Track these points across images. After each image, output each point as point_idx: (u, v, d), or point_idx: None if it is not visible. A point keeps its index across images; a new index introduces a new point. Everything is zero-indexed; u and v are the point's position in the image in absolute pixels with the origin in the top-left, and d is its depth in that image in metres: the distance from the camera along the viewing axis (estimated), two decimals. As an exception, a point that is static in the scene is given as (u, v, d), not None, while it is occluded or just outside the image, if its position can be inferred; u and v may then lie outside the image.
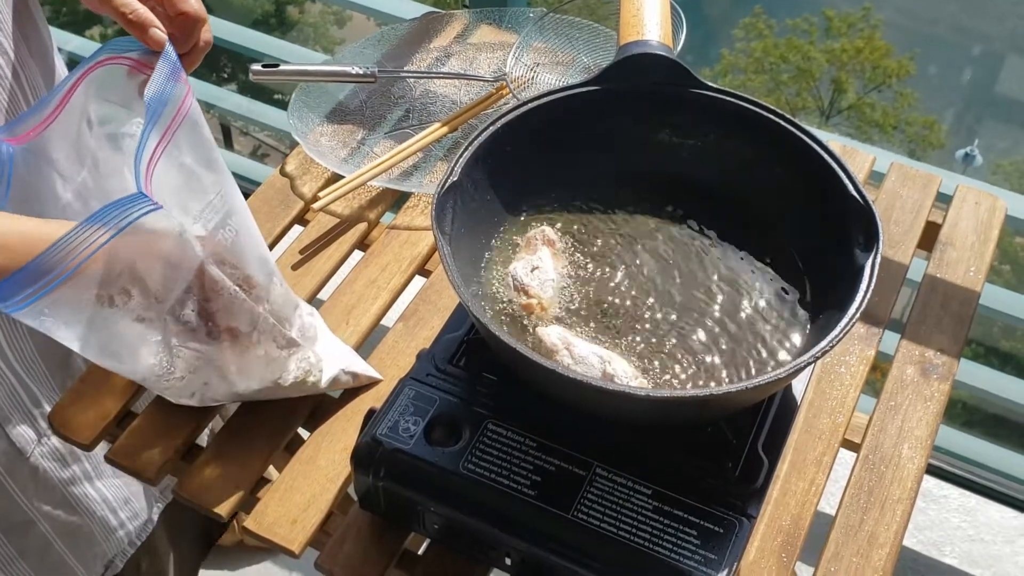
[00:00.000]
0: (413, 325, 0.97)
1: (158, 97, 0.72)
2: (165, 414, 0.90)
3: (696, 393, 0.70)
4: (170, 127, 0.72)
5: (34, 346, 1.00)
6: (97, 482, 1.14)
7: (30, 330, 0.96)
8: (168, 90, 0.73)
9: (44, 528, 1.10)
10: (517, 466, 0.74)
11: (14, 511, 1.05)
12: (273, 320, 0.81)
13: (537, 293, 0.80)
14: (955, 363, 0.95)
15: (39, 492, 1.07)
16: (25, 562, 1.11)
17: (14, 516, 1.06)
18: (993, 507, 1.64)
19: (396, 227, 1.06)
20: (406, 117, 1.18)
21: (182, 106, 0.73)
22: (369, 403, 0.90)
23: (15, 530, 1.07)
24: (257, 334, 0.80)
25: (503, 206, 0.86)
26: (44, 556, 1.12)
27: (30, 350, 0.99)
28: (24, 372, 0.99)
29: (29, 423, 1.03)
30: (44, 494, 1.07)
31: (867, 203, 0.77)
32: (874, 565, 0.81)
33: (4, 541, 1.07)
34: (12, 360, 0.97)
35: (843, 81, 15.42)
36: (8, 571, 1.10)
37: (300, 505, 0.84)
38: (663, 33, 0.87)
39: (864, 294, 0.72)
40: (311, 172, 1.12)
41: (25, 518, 1.07)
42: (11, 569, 1.10)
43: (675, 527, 0.72)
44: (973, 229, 1.07)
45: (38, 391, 1.03)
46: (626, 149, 0.88)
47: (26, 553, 1.10)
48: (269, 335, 0.81)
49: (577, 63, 1.17)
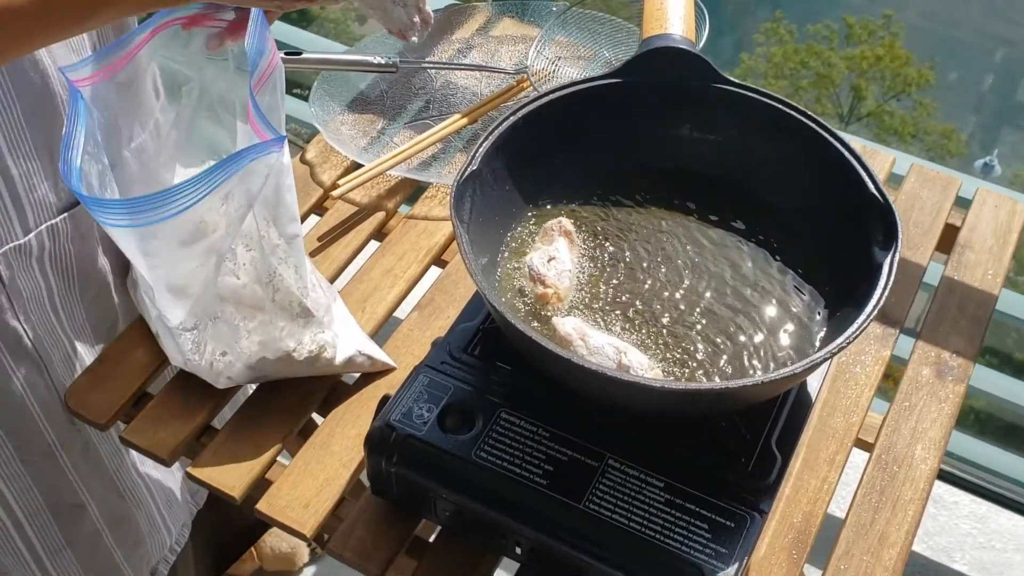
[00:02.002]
0: (429, 314, 0.97)
1: (257, 49, 0.77)
2: (181, 396, 0.90)
3: (711, 386, 0.70)
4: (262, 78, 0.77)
5: (85, 313, 0.99)
6: (142, 468, 1.13)
7: (82, 296, 0.97)
8: (262, 45, 0.77)
9: (94, 514, 1.08)
10: (529, 455, 0.74)
11: (66, 490, 1.04)
12: (290, 282, 0.83)
13: (554, 283, 0.80)
14: (971, 365, 0.94)
15: (90, 471, 1.05)
16: (73, 551, 1.08)
17: (66, 497, 1.04)
18: (1004, 515, 1.63)
19: (414, 217, 1.07)
20: (426, 108, 1.18)
21: (271, 62, 0.79)
22: (383, 390, 0.90)
23: (66, 514, 1.05)
24: (272, 290, 0.82)
25: (521, 196, 0.86)
26: (94, 549, 1.10)
27: (81, 315, 0.99)
28: (76, 337, 0.99)
29: None
30: (95, 474, 1.06)
31: (887, 201, 0.76)
32: (884, 564, 0.81)
33: (52, 524, 1.05)
34: (65, 323, 0.97)
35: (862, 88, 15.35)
36: (55, 560, 1.07)
37: (313, 489, 0.84)
38: (686, 27, 0.87)
39: (882, 292, 0.72)
40: (331, 160, 1.13)
41: (76, 500, 1.05)
42: (58, 558, 1.08)
43: (686, 520, 0.72)
44: (992, 232, 1.06)
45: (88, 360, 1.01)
46: (646, 143, 0.88)
47: (75, 542, 1.08)
48: (285, 295, 0.83)
49: (599, 57, 1.18)
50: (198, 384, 0.90)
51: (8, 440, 0.96)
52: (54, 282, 0.93)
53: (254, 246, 0.82)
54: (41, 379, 0.95)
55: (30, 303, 0.91)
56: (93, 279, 0.98)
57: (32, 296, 0.91)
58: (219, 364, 0.87)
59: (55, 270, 0.93)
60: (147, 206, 0.70)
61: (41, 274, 0.91)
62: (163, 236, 0.74)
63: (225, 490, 0.84)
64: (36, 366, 0.94)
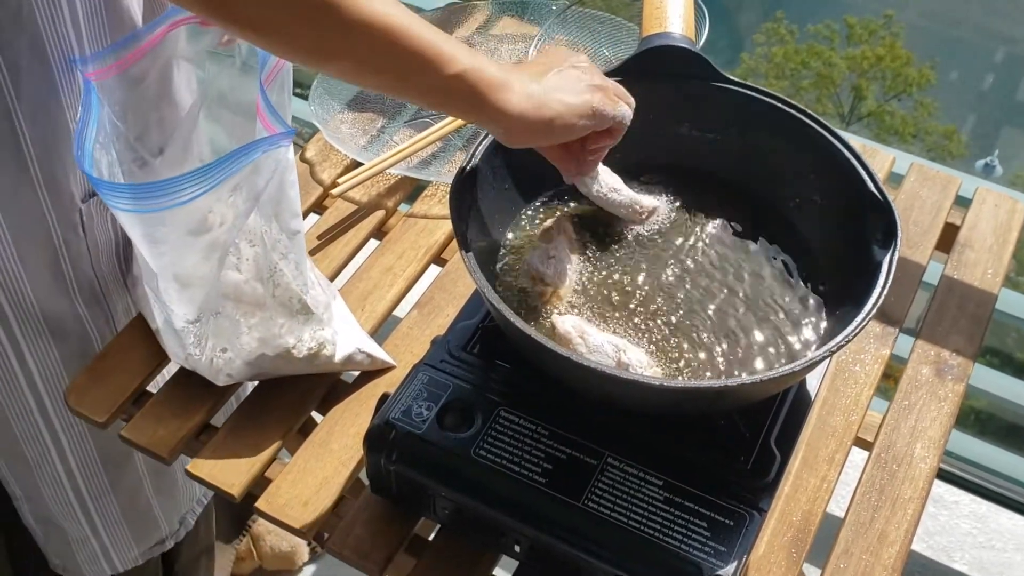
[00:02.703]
0: (428, 313, 0.97)
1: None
2: (180, 394, 0.90)
3: (711, 384, 0.70)
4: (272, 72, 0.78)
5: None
6: None
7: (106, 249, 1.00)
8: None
9: (139, 462, 1.13)
10: (529, 453, 0.74)
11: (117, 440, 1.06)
12: (290, 278, 0.83)
13: (553, 281, 0.80)
14: (970, 364, 0.94)
15: None
16: (115, 498, 1.13)
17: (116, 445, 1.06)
18: (1004, 514, 1.63)
19: (413, 215, 1.07)
20: (426, 106, 1.18)
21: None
22: (382, 388, 0.90)
23: (113, 461, 1.10)
24: (272, 285, 0.83)
25: (521, 195, 0.87)
26: (135, 496, 1.15)
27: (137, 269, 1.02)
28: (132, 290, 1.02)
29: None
30: None
31: (886, 199, 0.76)
32: (884, 563, 0.81)
33: (102, 472, 1.10)
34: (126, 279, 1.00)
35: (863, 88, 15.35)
36: (98, 504, 1.13)
37: (312, 487, 0.84)
38: (686, 26, 0.87)
39: (881, 290, 0.72)
40: (330, 159, 1.13)
41: (125, 448, 1.07)
42: (102, 502, 1.13)
43: (685, 518, 0.71)
44: (992, 231, 1.06)
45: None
46: (645, 141, 0.88)
47: (118, 489, 1.13)
48: (285, 292, 0.83)
49: (598, 56, 1.18)
50: (198, 382, 0.90)
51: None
52: (121, 235, 0.97)
53: (257, 241, 0.82)
54: (108, 328, 1.00)
55: (103, 254, 0.96)
56: None
57: (105, 247, 0.96)
58: (219, 360, 0.87)
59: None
60: (155, 193, 0.71)
61: (112, 228, 0.96)
62: (171, 224, 0.75)
63: (224, 488, 0.84)
64: (104, 313, 0.99)
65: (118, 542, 1.18)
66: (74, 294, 0.95)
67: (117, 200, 0.72)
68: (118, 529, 1.17)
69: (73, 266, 0.94)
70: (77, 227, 0.91)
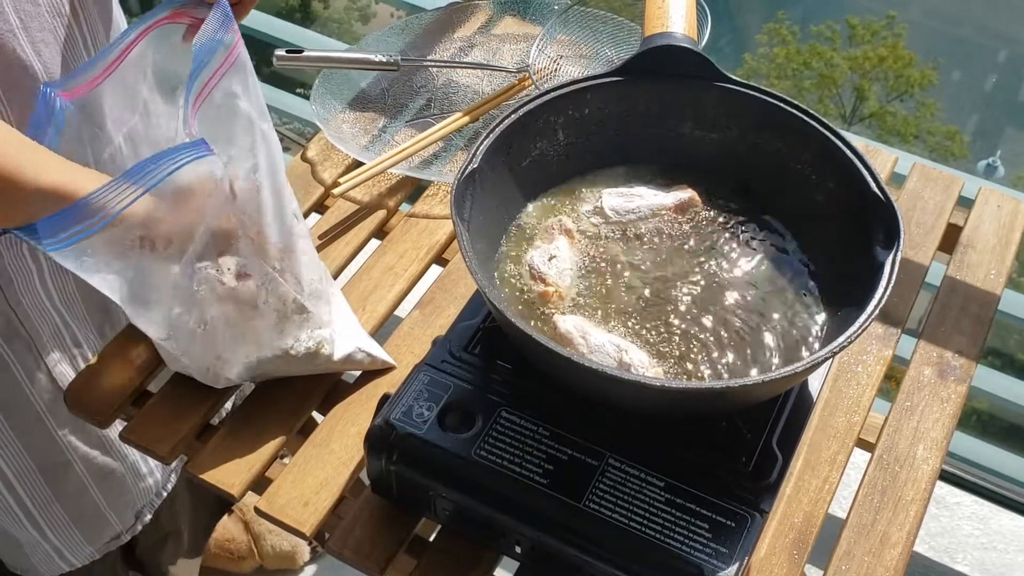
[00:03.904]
0: (429, 313, 0.97)
1: (207, 46, 0.74)
2: (180, 394, 0.90)
3: (712, 385, 0.70)
4: (217, 71, 0.75)
5: (75, 285, 1.03)
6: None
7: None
8: (218, 39, 0.75)
9: (80, 470, 1.12)
10: (530, 454, 0.74)
11: (53, 451, 1.08)
12: (283, 282, 0.82)
13: (554, 281, 0.80)
14: (973, 365, 0.94)
15: (76, 432, 1.10)
16: (60, 505, 1.13)
17: (52, 456, 1.09)
18: (1006, 515, 1.63)
19: (415, 215, 1.06)
20: (428, 106, 1.18)
21: (230, 54, 0.76)
22: (383, 388, 0.90)
23: (52, 471, 1.10)
24: (266, 293, 0.82)
25: (522, 194, 0.86)
26: (79, 500, 1.15)
27: (71, 289, 1.03)
28: (66, 311, 1.03)
29: (69, 362, 1.06)
30: (81, 435, 1.11)
31: (888, 200, 0.76)
32: (886, 565, 0.80)
33: (41, 482, 1.10)
34: (56, 299, 1.01)
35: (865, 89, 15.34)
36: (44, 513, 1.13)
37: (312, 488, 0.84)
38: (688, 26, 0.86)
39: (883, 291, 0.71)
40: (332, 159, 1.13)
41: (63, 459, 1.10)
42: (48, 511, 1.13)
43: (687, 520, 0.71)
44: (994, 232, 1.06)
45: (78, 331, 1.06)
46: (647, 141, 0.88)
47: (62, 496, 1.13)
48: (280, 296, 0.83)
49: (600, 56, 1.17)
50: (197, 382, 0.90)
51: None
52: (45, 264, 0.97)
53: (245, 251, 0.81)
54: (30, 354, 1.00)
55: (20, 285, 0.96)
56: None
57: (23, 280, 0.95)
58: (215, 366, 0.86)
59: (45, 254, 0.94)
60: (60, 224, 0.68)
61: (33, 259, 0.96)
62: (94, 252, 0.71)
63: (225, 488, 0.84)
64: (25, 343, 0.99)
65: (70, 543, 1.19)
66: None
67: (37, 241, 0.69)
68: (68, 531, 1.17)
69: None
70: None
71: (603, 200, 0.86)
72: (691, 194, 0.86)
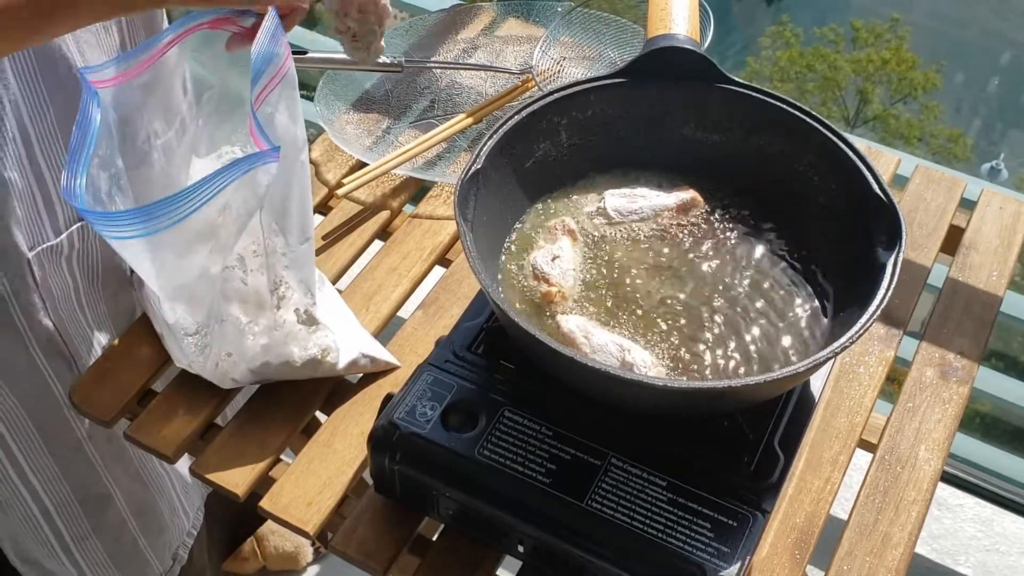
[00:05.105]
0: (433, 313, 0.97)
1: (264, 56, 0.74)
2: (185, 394, 0.90)
3: (714, 385, 0.70)
4: (268, 85, 0.75)
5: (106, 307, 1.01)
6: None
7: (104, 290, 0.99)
8: (271, 50, 0.75)
9: (120, 503, 1.10)
10: (532, 454, 0.74)
11: (94, 481, 1.06)
12: (296, 290, 0.83)
13: (558, 281, 0.80)
14: (975, 367, 0.94)
15: (115, 461, 1.08)
16: (99, 539, 1.11)
17: (93, 487, 1.07)
18: (1009, 518, 1.63)
19: (418, 216, 1.07)
20: (431, 107, 1.18)
21: (282, 67, 0.76)
22: (387, 388, 0.90)
23: (92, 503, 1.08)
24: (277, 298, 0.83)
25: (525, 195, 0.87)
26: (119, 536, 1.13)
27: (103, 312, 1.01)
28: (97, 329, 1.00)
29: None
30: (120, 465, 1.08)
31: (891, 201, 0.76)
32: (887, 565, 0.81)
33: (81, 515, 1.08)
34: (90, 317, 0.99)
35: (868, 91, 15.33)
36: (80, 547, 1.10)
37: (316, 487, 0.84)
38: (691, 27, 0.87)
39: (885, 291, 0.72)
40: (336, 159, 1.13)
41: (103, 491, 1.08)
42: (84, 545, 1.11)
43: (689, 519, 0.72)
44: (997, 234, 1.06)
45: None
46: (650, 141, 0.88)
47: (101, 531, 1.11)
48: (290, 302, 0.83)
49: (603, 57, 1.18)
50: (202, 382, 0.90)
51: (38, 433, 0.99)
52: (80, 279, 0.96)
53: (261, 253, 0.82)
54: (70, 373, 0.98)
55: (60, 301, 0.94)
56: (113, 275, 1.01)
57: (62, 294, 0.94)
58: (224, 364, 0.87)
59: (81, 268, 0.96)
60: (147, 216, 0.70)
61: (69, 273, 0.95)
62: (166, 243, 0.74)
63: (229, 488, 0.84)
64: (66, 361, 0.97)
65: None
66: (31, 345, 0.93)
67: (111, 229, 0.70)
68: (105, 570, 1.14)
69: (26, 317, 0.92)
70: (26, 276, 0.90)
71: (606, 201, 0.86)
72: (693, 195, 0.86)
